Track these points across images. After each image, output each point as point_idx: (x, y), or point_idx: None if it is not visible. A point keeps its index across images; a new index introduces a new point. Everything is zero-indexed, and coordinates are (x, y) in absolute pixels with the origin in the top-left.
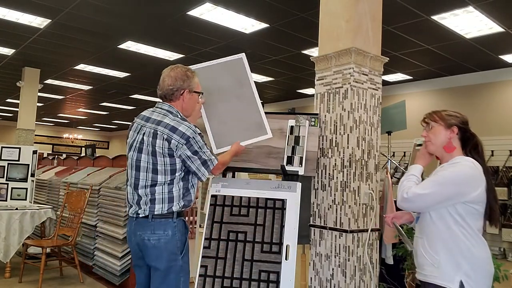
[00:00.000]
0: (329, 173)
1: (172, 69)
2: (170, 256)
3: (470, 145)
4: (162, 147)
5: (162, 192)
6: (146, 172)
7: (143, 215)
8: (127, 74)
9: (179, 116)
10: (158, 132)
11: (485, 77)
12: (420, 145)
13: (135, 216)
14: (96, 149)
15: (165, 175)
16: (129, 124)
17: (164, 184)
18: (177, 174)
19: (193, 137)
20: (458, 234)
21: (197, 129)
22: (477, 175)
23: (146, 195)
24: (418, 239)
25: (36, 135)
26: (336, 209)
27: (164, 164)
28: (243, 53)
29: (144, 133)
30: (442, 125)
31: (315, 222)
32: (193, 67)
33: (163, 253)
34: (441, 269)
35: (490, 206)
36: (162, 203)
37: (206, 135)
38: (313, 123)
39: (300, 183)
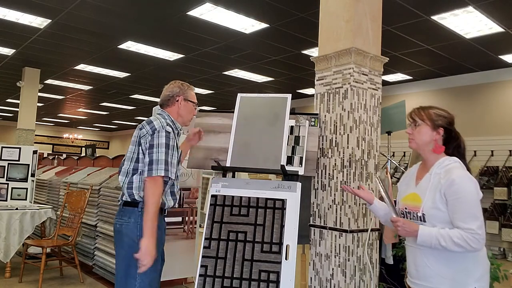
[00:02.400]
0: (329, 173)
1: (170, 83)
2: (129, 242)
3: (453, 145)
4: (136, 136)
5: (124, 182)
6: (125, 160)
7: (119, 204)
8: (127, 74)
9: (166, 118)
10: (140, 126)
11: (485, 77)
12: None
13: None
14: (96, 149)
15: (130, 162)
16: (129, 124)
17: (128, 173)
18: (139, 165)
19: (159, 130)
20: None
21: (168, 127)
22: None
23: (120, 181)
24: (417, 249)
25: (36, 135)
26: (336, 209)
27: (133, 152)
28: (290, 94)
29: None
30: (428, 125)
31: (315, 222)
32: (243, 95)
33: (123, 237)
34: (453, 280)
35: None
36: (126, 190)
37: (226, 152)
38: (313, 123)
39: (300, 183)
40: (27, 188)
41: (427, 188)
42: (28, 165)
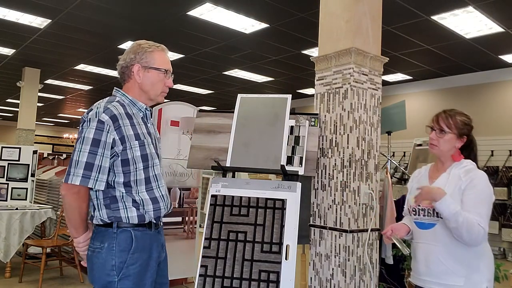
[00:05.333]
0: (329, 173)
1: (129, 46)
2: (101, 276)
3: (470, 149)
4: None
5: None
6: None
7: None
8: None
9: (117, 99)
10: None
11: (485, 77)
12: (420, 145)
13: None
14: None
15: None
16: None
17: None
18: None
19: (90, 119)
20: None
21: (104, 114)
22: None
23: None
24: (431, 246)
25: (36, 135)
26: (336, 209)
27: None
28: (290, 95)
29: None
30: (454, 134)
31: (315, 222)
32: (243, 95)
33: (93, 268)
34: (467, 278)
35: None
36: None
37: (226, 152)
38: (313, 123)
39: (300, 183)
40: (27, 188)
41: (445, 186)
42: (28, 165)
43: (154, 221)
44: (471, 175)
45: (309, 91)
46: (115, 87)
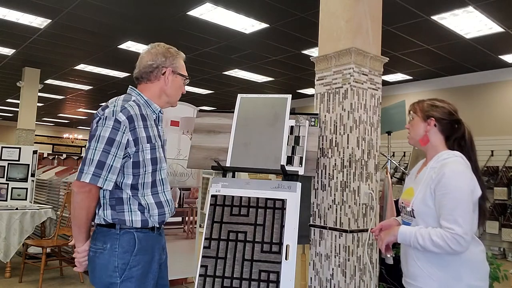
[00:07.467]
0: (329, 173)
1: (153, 47)
2: (103, 278)
3: (454, 137)
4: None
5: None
6: None
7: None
8: (127, 74)
9: (133, 99)
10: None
11: (485, 77)
12: None
13: None
14: None
15: None
16: None
17: None
18: None
19: (106, 117)
20: None
21: (122, 114)
22: (469, 169)
23: None
24: (408, 248)
25: (36, 135)
26: (336, 209)
27: None
28: (290, 95)
29: None
30: (419, 117)
31: (315, 222)
32: (243, 95)
33: (95, 269)
34: (441, 282)
35: (480, 204)
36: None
37: (226, 152)
38: (313, 123)
39: (300, 183)
40: (27, 188)
41: (419, 184)
42: (28, 165)
43: (158, 226)
44: (440, 172)
45: (309, 91)
46: (130, 86)
